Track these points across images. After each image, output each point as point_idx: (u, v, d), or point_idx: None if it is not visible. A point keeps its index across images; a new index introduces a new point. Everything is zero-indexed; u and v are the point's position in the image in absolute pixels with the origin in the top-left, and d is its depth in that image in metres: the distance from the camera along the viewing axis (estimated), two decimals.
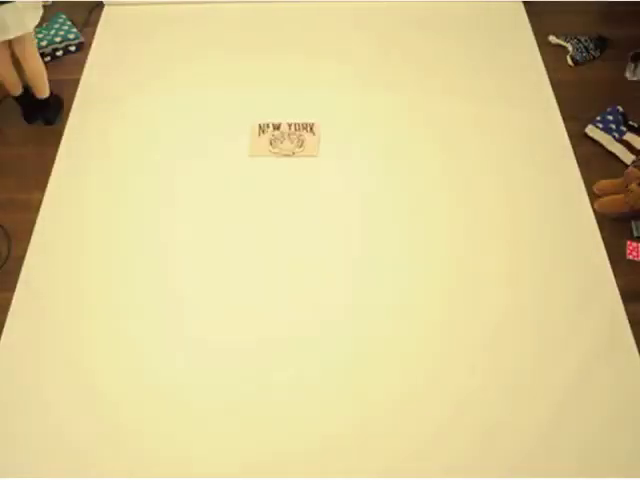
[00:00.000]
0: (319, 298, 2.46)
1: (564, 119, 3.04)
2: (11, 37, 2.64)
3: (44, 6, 3.40)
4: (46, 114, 3.04)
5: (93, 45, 3.42)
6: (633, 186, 2.52)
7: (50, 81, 3.03)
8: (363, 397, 2.22)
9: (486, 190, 2.78)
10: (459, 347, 2.33)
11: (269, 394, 2.22)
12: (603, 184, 2.73)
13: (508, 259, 2.56)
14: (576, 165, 2.87)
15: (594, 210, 2.69)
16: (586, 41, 3.29)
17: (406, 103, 3.12)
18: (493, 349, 2.32)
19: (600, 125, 3.00)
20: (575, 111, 3.10)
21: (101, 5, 3.63)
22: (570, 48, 3.33)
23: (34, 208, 2.74)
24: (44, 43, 3.33)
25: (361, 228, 2.66)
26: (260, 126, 3.00)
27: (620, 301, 2.43)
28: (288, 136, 2.96)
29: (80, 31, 3.48)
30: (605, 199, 2.67)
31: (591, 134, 2.99)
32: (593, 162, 2.91)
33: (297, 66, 3.29)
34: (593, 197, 2.74)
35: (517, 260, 2.55)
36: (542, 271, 2.52)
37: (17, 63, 2.87)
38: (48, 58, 3.35)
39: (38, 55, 2.89)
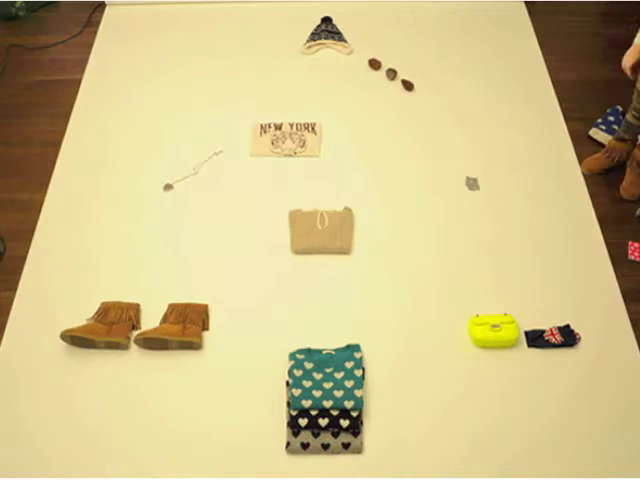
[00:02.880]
0: (320, 299, 2.46)
1: (565, 119, 3.05)
2: None
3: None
4: None
5: (95, 45, 3.42)
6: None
7: (51, 81, 3.04)
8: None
9: (487, 190, 2.78)
10: (459, 349, 2.33)
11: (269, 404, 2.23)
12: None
13: (509, 259, 2.56)
14: (578, 165, 2.87)
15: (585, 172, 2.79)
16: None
17: (408, 103, 3.12)
18: (494, 350, 2.32)
19: (603, 127, 3.00)
20: (576, 111, 3.11)
21: (103, 5, 3.63)
22: None
23: (36, 208, 2.74)
24: None
25: (364, 228, 2.66)
26: (262, 126, 3.01)
27: (622, 301, 2.44)
28: (290, 136, 2.96)
29: (81, 31, 3.48)
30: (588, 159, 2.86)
31: (595, 136, 2.99)
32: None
33: (299, 66, 3.29)
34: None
35: (518, 261, 2.56)
36: (543, 271, 2.53)
37: None
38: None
39: None
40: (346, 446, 2.08)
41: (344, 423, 2.10)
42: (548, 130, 3.01)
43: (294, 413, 2.12)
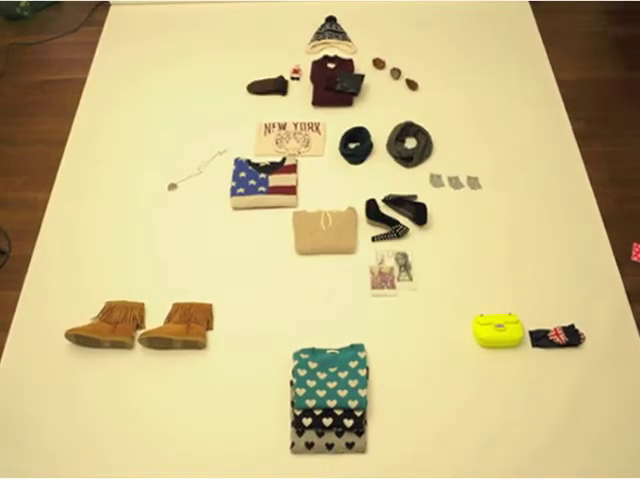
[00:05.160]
0: (325, 299, 2.46)
1: (570, 118, 3.04)
2: None
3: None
4: None
5: (99, 45, 3.42)
6: None
7: (56, 81, 3.04)
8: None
9: (491, 189, 2.78)
10: (463, 348, 2.32)
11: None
12: None
13: (514, 259, 2.55)
14: (582, 164, 2.86)
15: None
16: None
17: (411, 102, 3.12)
18: (498, 350, 2.31)
19: None
20: (581, 110, 3.10)
21: (104, 5, 3.64)
22: None
23: (41, 207, 2.75)
24: None
25: (368, 228, 2.66)
26: (266, 125, 3.01)
27: (627, 301, 2.43)
28: (294, 135, 2.96)
29: (75, 30, 3.49)
30: None
31: None
32: (599, 162, 2.91)
33: (303, 65, 3.29)
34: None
35: (522, 260, 2.55)
36: (548, 271, 2.52)
37: None
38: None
39: None
40: (350, 446, 2.08)
41: (348, 423, 2.10)
42: (553, 129, 3.00)
43: (298, 413, 2.12)
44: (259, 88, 3.15)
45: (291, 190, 2.73)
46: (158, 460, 2.10)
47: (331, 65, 3.28)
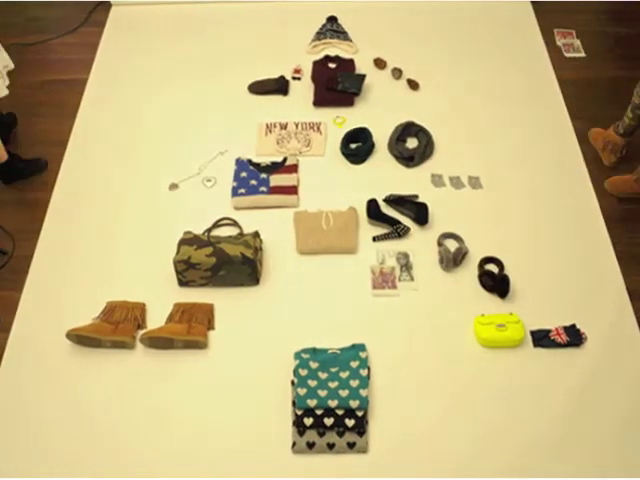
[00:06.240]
0: (326, 298, 2.46)
1: (571, 117, 3.04)
2: None
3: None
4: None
5: (100, 45, 3.43)
6: None
7: (57, 81, 3.04)
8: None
9: (492, 189, 2.77)
10: (464, 348, 2.32)
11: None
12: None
13: (514, 259, 2.55)
14: (584, 164, 2.86)
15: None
16: None
17: (412, 102, 3.12)
18: (499, 349, 2.31)
19: None
20: (582, 109, 3.10)
21: (105, 5, 3.64)
22: None
23: (42, 208, 2.74)
24: None
25: (369, 228, 2.66)
26: (267, 125, 3.01)
27: (628, 300, 2.43)
28: (295, 135, 2.96)
29: (75, 30, 3.48)
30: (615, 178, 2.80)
31: None
32: (601, 161, 2.91)
33: (304, 65, 3.29)
34: (600, 193, 2.74)
35: (523, 260, 2.55)
36: (549, 271, 2.52)
37: None
38: None
39: None
40: (351, 445, 2.08)
41: (349, 422, 2.10)
42: (554, 129, 3.00)
43: (299, 412, 2.12)
44: (260, 88, 3.15)
45: (292, 190, 2.73)
46: (158, 460, 2.09)
47: (332, 65, 3.28)
